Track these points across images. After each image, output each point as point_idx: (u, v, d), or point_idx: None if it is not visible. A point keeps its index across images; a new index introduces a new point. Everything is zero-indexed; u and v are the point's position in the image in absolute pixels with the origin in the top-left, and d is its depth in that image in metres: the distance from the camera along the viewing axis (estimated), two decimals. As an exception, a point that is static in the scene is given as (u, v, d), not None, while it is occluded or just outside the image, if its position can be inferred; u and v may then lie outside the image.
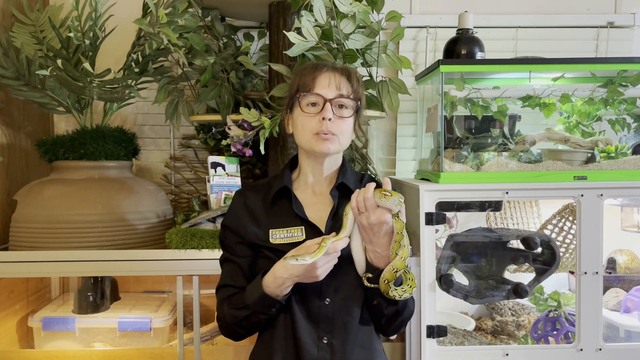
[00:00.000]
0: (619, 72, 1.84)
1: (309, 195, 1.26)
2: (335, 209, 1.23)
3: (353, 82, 1.23)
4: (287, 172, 1.28)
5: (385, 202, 1.11)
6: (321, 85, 1.20)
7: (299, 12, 1.65)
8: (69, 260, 1.67)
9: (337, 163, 1.28)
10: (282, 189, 1.24)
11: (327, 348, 1.16)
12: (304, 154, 1.27)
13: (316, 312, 1.18)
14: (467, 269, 1.84)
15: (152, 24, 1.69)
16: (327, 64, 1.25)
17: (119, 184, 1.85)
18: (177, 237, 1.69)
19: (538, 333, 1.94)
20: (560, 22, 2.27)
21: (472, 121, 1.91)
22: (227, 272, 1.25)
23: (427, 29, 2.25)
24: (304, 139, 1.21)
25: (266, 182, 1.32)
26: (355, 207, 1.13)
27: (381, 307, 1.19)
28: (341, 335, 1.17)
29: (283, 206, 1.24)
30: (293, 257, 1.07)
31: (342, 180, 1.25)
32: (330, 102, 1.18)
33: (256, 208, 1.25)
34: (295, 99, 1.22)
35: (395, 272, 1.13)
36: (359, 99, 1.23)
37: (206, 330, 1.94)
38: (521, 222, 2.18)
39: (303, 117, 1.20)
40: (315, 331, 1.17)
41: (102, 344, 1.94)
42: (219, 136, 2.09)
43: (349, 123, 1.23)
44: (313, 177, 1.27)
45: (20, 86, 1.82)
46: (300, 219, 1.21)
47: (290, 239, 1.19)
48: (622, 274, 2.12)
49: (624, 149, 1.83)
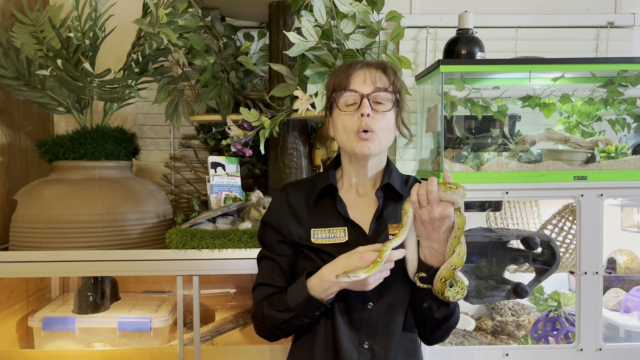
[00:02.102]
0: (619, 72, 1.84)
1: (352, 196, 1.23)
2: (381, 210, 1.20)
3: (390, 75, 1.18)
4: (331, 171, 1.25)
5: (451, 195, 1.06)
6: (357, 82, 1.16)
7: (299, 12, 1.65)
8: (69, 260, 1.67)
9: (382, 164, 1.24)
10: (326, 187, 1.21)
11: (368, 353, 1.14)
12: (346, 156, 1.23)
13: (358, 317, 1.15)
14: (467, 269, 1.85)
15: (152, 24, 1.69)
16: (362, 61, 1.21)
17: (119, 184, 1.85)
18: (177, 237, 1.69)
19: (538, 333, 1.94)
20: (560, 22, 2.27)
21: (472, 121, 1.91)
22: (266, 270, 1.22)
23: (427, 29, 2.25)
24: (345, 139, 1.17)
25: (309, 179, 1.28)
26: (417, 201, 1.08)
27: (432, 310, 1.14)
28: (383, 341, 1.14)
29: (326, 205, 1.21)
30: (345, 273, 1.04)
31: (388, 181, 1.21)
32: (368, 98, 1.15)
33: (299, 206, 1.22)
34: (332, 99, 1.19)
35: (454, 269, 1.08)
36: (397, 91, 1.18)
37: (206, 330, 1.94)
38: (521, 222, 2.18)
39: (342, 117, 1.17)
40: (356, 336, 1.14)
41: (102, 344, 1.94)
42: (219, 136, 2.09)
43: (389, 119, 1.18)
44: (357, 178, 1.23)
45: (20, 86, 1.82)
46: (344, 219, 1.18)
47: (332, 239, 1.16)
48: (622, 274, 2.12)
49: (624, 149, 1.83)
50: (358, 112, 1.15)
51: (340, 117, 1.18)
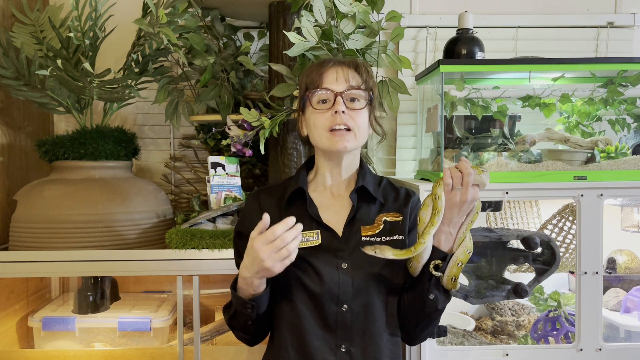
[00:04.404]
0: (619, 72, 1.84)
1: (327, 197, 1.22)
2: (354, 213, 1.19)
3: (362, 73, 1.19)
4: (302, 172, 1.24)
5: (483, 178, 1.08)
6: (329, 80, 1.16)
7: (299, 12, 1.65)
8: (69, 260, 1.67)
9: (356, 164, 1.24)
10: (297, 190, 1.20)
11: (346, 357, 1.13)
12: (321, 155, 1.22)
13: (333, 319, 1.13)
14: (467, 269, 1.84)
15: (152, 24, 1.69)
16: (333, 59, 1.21)
17: (119, 184, 1.85)
18: (177, 237, 1.69)
19: (538, 333, 1.94)
20: (560, 22, 2.27)
21: (472, 121, 1.91)
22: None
23: (427, 29, 2.25)
24: (319, 137, 1.17)
25: (281, 183, 1.27)
26: (450, 183, 1.08)
27: (437, 302, 1.12)
28: (361, 343, 1.13)
29: (298, 208, 1.19)
30: (371, 248, 1.06)
31: (362, 184, 1.20)
32: (341, 95, 1.15)
33: (271, 211, 1.19)
34: (305, 98, 1.19)
35: (469, 253, 1.10)
36: (370, 89, 1.19)
37: (206, 330, 1.94)
38: (521, 222, 2.18)
39: (315, 115, 1.17)
40: (332, 339, 1.13)
41: (102, 344, 1.94)
42: (219, 136, 2.09)
43: (364, 116, 1.18)
44: (331, 178, 1.22)
45: (20, 86, 1.82)
46: (316, 222, 1.17)
47: (305, 243, 1.14)
48: (622, 274, 2.12)
49: (623, 149, 1.83)
50: (332, 110, 1.15)
51: (313, 115, 1.18)
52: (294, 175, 1.27)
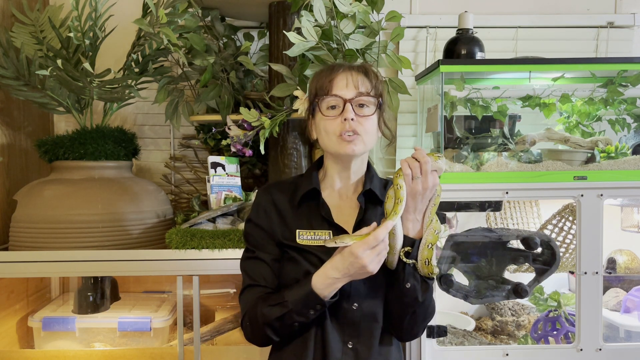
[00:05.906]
0: (619, 72, 1.84)
1: (335, 198, 1.24)
2: (362, 215, 1.21)
3: (371, 78, 1.20)
4: (314, 173, 1.25)
5: (440, 163, 1.14)
6: (339, 86, 1.17)
7: (299, 12, 1.65)
8: (69, 260, 1.67)
9: (364, 167, 1.26)
10: (310, 190, 1.22)
11: (352, 353, 1.15)
12: (330, 158, 1.24)
13: (343, 317, 1.16)
14: (467, 269, 1.84)
15: (152, 24, 1.69)
16: (343, 64, 1.22)
17: (119, 184, 1.85)
18: (177, 237, 1.69)
19: (538, 333, 1.94)
20: (560, 22, 2.27)
21: (472, 121, 1.91)
22: (257, 271, 1.20)
23: (427, 29, 2.25)
24: (329, 142, 1.18)
25: (291, 181, 1.29)
26: (410, 174, 1.12)
27: (415, 291, 1.14)
28: (366, 342, 1.16)
29: (310, 208, 1.22)
30: (332, 240, 1.07)
31: (370, 187, 1.23)
32: (350, 102, 1.16)
33: (283, 206, 1.22)
34: (314, 103, 1.20)
35: (437, 233, 1.13)
36: (379, 95, 1.20)
37: (206, 331, 1.94)
38: (521, 222, 2.18)
39: (325, 121, 1.18)
40: (341, 336, 1.16)
41: (102, 344, 1.94)
42: (219, 136, 2.09)
43: (373, 121, 1.20)
44: (340, 181, 1.24)
45: (20, 86, 1.82)
46: (328, 222, 1.19)
47: (317, 242, 1.17)
48: (622, 274, 2.12)
49: (623, 149, 1.83)
50: (341, 117, 1.16)
51: (322, 121, 1.19)
52: (304, 174, 1.28)
